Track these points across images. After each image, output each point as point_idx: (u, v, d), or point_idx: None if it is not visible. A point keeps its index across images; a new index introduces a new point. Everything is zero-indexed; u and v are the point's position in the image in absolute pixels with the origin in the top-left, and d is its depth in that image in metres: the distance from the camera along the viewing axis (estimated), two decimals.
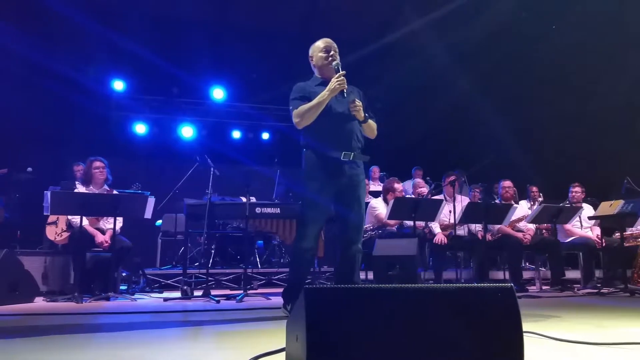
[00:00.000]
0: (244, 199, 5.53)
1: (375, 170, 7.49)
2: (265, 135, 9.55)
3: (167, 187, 6.66)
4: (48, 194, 4.08)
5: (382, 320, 1.45)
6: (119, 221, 4.64)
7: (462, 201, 5.33)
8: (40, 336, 2.51)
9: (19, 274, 4.00)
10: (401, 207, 4.91)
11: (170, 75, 7.94)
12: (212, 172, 5.11)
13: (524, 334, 1.42)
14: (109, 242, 4.54)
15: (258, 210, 4.96)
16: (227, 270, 5.97)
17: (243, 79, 8.86)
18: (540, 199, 6.32)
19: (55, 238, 4.65)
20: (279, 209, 5.02)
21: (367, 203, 5.63)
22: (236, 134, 9.42)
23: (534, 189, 6.49)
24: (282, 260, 6.82)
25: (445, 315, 1.47)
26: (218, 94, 9.05)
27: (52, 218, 4.66)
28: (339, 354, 1.37)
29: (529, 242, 5.42)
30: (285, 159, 7.54)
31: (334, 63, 3.09)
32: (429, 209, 5.06)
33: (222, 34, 7.90)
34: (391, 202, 4.95)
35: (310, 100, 3.05)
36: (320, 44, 3.21)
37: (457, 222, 5.16)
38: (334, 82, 2.97)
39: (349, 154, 3.06)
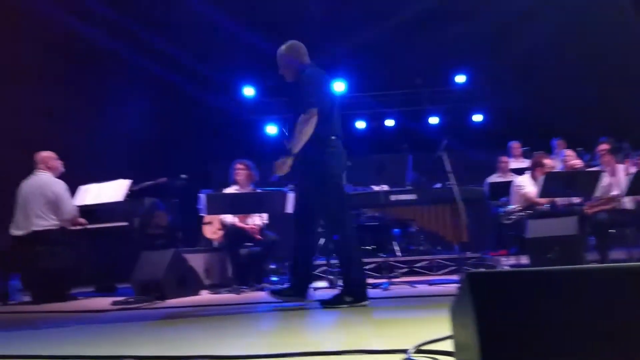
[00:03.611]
0: (375, 188, 5.50)
1: (516, 145, 6.91)
2: (390, 122, 9.42)
3: None
4: (203, 196, 4.46)
5: (559, 304, 1.30)
6: (264, 217, 4.92)
7: (628, 169, 4.67)
8: (211, 323, 2.74)
9: (185, 270, 4.43)
10: (553, 183, 4.43)
11: None
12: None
13: None
14: (257, 232, 4.85)
15: (393, 198, 4.90)
16: (368, 260, 5.99)
17: (360, 69, 8.84)
18: None
19: (212, 236, 5.09)
20: (415, 195, 4.90)
21: (511, 182, 5.23)
22: (360, 124, 9.44)
23: None
24: (421, 248, 6.67)
25: (633, 298, 1.27)
26: (339, 87, 9.13)
27: (207, 218, 5.11)
28: (513, 340, 1.27)
29: None
30: (415, 143, 7.38)
31: None
32: (587, 182, 4.51)
33: (339, 27, 7.93)
34: (541, 178, 4.52)
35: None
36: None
37: (623, 194, 4.54)
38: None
39: None
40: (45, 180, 4.57)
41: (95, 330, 2.74)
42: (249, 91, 9.04)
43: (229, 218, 4.84)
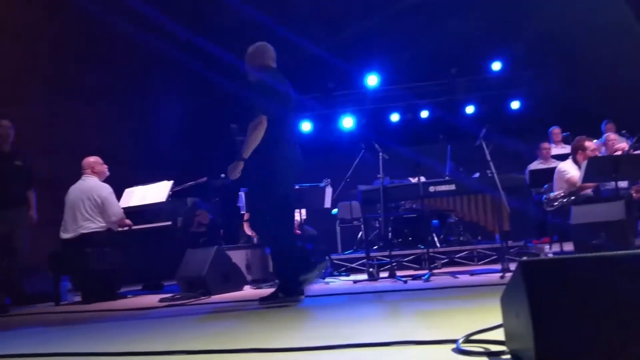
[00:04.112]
0: (412, 180, 5.46)
1: (556, 131, 6.73)
2: (424, 114, 9.31)
3: (336, 178, 6.88)
4: (242, 194, 4.54)
5: (613, 290, 1.29)
6: (302, 212, 4.97)
7: None
8: (258, 317, 2.79)
9: (228, 267, 4.52)
10: (597, 167, 4.31)
11: (327, 70, 8.19)
12: (380, 157, 5.14)
13: None
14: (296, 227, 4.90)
15: (432, 189, 4.88)
16: (407, 252, 5.98)
17: (393, 62, 8.75)
18: None
19: (252, 233, 5.18)
20: (453, 185, 4.86)
21: (554, 168, 5.10)
22: (394, 117, 9.37)
23: None
24: (461, 238, 6.60)
25: None
26: (372, 80, 9.07)
27: (247, 215, 5.20)
28: (567, 327, 1.27)
29: None
30: (451, 134, 7.28)
31: None
32: (633, 166, 4.36)
33: (371, 20, 7.87)
34: (584, 163, 4.39)
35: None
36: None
37: None
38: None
39: None
40: (91, 184, 4.74)
41: (145, 327, 2.82)
42: None
43: None
